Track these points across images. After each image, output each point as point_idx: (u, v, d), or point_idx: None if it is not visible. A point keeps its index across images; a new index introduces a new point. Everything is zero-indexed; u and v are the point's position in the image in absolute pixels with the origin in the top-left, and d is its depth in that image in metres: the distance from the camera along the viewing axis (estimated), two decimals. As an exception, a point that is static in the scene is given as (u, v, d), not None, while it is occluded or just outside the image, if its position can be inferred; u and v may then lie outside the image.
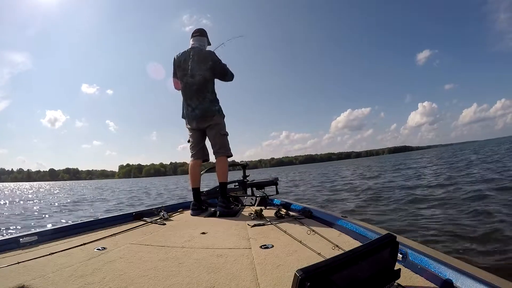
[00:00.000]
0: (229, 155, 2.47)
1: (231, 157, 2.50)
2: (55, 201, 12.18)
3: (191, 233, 1.64)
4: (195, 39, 2.52)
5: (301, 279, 0.54)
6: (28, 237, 1.50)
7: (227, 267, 1.07)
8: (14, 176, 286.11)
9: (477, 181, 6.31)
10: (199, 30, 2.57)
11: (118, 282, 0.96)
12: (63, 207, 9.12)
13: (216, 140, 2.43)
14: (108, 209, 8.17)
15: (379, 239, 0.77)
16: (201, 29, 2.59)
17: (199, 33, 2.55)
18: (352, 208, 5.14)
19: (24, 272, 1.07)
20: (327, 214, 1.78)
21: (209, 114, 2.41)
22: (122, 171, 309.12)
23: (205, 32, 2.60)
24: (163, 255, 1.26)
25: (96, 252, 1.32)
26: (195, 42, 2.51)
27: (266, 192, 2.68)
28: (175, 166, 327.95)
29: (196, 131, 2.52)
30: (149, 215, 2.20)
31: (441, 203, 4.57)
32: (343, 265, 0.62)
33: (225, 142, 2.46)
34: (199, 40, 2.52)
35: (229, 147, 2.48)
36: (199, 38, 2.53)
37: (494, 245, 2.53)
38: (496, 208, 3.75)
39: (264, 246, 1.32)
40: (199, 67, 2.38)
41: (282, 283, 0.91)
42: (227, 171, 2.46)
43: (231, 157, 2.50)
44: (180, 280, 0.96)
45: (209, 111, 2.41)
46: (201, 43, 2.53)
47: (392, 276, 0.76)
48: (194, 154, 2.53)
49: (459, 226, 3.20)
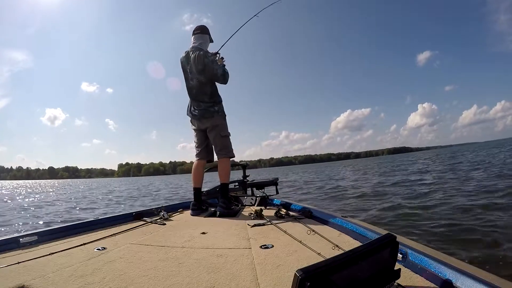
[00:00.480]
0: (231, 156, 2.44)
1: (233, 157, 2.47)
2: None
3: (191, 233, 1.64)
4: (195, 37, 2.45)
5: (301, 279, 0.54)
6: (28, 237, 1.50)
7: (227, 267, 1.07)
8: (13, 174, 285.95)
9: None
10: (200, 27, 2.48)
11: (118, 282, 0.96)
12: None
13: (216, 142, 2.41)
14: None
15: (379, 239, 0.77)
16: (202, 26, 2.50)
17: (200, 30, 2.46)
18: (353, 208, 5.15)
19: (24, 272, 1.07)
20: (327, 214, 1.78)
21: (208, 115, 2.38)
22: (122, 170, 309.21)
23: (206, 29, 2.50)
24: (163, 255, 1.26)
25: (96, 252, 1.32)
26: (196, 41, 2.44)
27: (266, 192, 2.68)
28: (175, 165, 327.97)
29: (200, 131, 2.50)
30: (149, 215, 2.20)
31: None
32: (343, 265, 0.62)
33: (226, 143, 2.42)
34: (199, 38, 2.44)
35: (231, 148, 2.44)
36: (200, 36, 2.45)
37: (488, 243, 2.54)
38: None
39: (264, 246, 1.32)
40: (195, 70, 2.35)
41: (282, 283, 0.91)
42: (229, 173, 2.43)
43: (233, 157, 2.48)
44: (180, 280, 0.96)
45: (207, 112, 2.38)
46: (202, 41, 2.44)
47: (392, 276, 0.77)
48: (198, 154, 2.53)
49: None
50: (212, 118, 2.38)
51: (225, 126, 2.44)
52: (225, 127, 2.44)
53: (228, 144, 2.43)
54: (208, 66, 2.31)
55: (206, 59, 2.31)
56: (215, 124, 2.40)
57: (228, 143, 2.43)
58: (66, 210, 7.54)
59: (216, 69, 2.32)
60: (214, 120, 2.39)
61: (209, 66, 2.31)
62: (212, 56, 2.38)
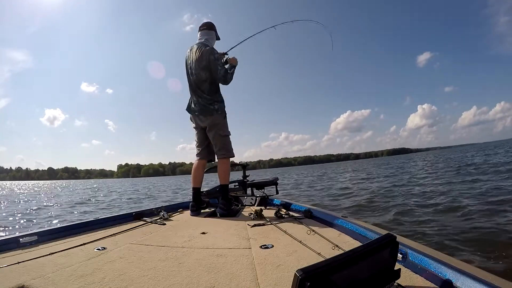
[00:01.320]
0: (231, 156, 2.39)
1: (233, 157, 2.41)
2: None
3: (191, 233, 1.64)
4: (202, 33, 2.41)
5: (301, 279, 0.54)
6: (28, 237, 1.50)
7: (227, 267, 1.07)
8: (13, 175, 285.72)
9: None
10: (207, 23, 2.44)
11: (118, 282, 0.96)
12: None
13: (215, 141, 2.36)
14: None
15: (379, 239, 0.77)
16: (209, 22, 2.46)
17: (206, 26, 2.42)
18: (353, 208, 5.15)
19: (24, 272, 1.07)
20: (327, 214, 1.78)
21: (207, 113, 2.32)
22: (121, 171, 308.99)
23: (213, 26, 2.45)
24: (163, 255, 1.26)
25: (96, 252, 1.32)
26: (201, 37, 2.40)
27: (266, 192, 2.68)
28: (174, 166, 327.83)
29: (200, 130, 2.45)
30: (149, 215, 2.20)
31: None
32: (343, 265, 0.62)
33: (226, 143, 2.36)
34: (206, 34, 2.41)
35: (230, 148, 2.39)
36: (206, 32, 2.41)
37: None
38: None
39: (264, 246, 1.32)
40: (196, 65, 2.31)
41: (282, 283, 0.91)
42: (228, 173, 2.38)
43: (233, 157, 2.42)
44: (180, 280, 0.97)
45: (206, 110, 2.32)
46: (208, 37, 2.40)
47: (392, 276, 0.77)
48: (198, 154, 2.49)
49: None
50: (211, 117, 2.33)
51: (225, 125, 2.39)
52: (224, 126, 2.38)
53: (228, 144, 2.38)
54: (212, 63, 2.26)
55: (211, 56, 2.27)
56: (214, 123, 2.34)
57: (227, 143, 2.38)
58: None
59: (218, 68, 2.26)
60: (213, 119, 2.33)
61: (213, 63, 2.26)
62: (218, 55, 2.34)
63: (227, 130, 2.39)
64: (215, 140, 2.37)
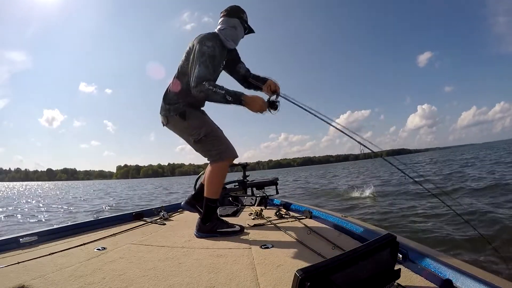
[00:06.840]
0: (228, 158, 1.68)
1: (232, 158, 1.71)
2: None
3: (191, 233, 1.64)
4: (220, 21, 1.76)
5: (301, 279, 0.54)
6: (28, 237, 1.50)
7: (227, 267, 1.07)
8: (12, 176, 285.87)
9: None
10: (227, 8, 1.77)
11: (118, 282, 0.96)
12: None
13: (195, 150, 1.76)
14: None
15: (379, 239, 0.77)
16: (232, 6, 1.77)
17: (225, 12, 1.76)
18: (353, 208, 5.15)
19: (24, 272, 1.07)
20: (327, 214, 1.78)
21: (163, 119, 1.74)
22: (120, 172, 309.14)
23: (236, 10, 1.75)
24: (163, 255, 1.26)
25: (96, 252, 1.32)
26: (220, 26, 1.75)
27: (266, 192, 2.68)
28: (173, 167, 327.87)
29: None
30: (149, 215, 2.20)
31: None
32: (343, 265, 0.62)
33: (207, 146, 1.68)
34: (223, 22, 1.74)
35: (221, 148, 1.66)
36: (225, 20, 1.73)
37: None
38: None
39: (264, 246, 1.32)
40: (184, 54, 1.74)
41: (282, 283, 0.91)
42: (215, 184, 1.67)
43: (233, 158, 1.73)
44: (180, 280, 0.97)
45: (162, 116, 1.74)
46: (227, 26, 1.72)
47: (392, 276, 0.77)
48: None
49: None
50: (168, 124, 1.73)
51: (192, 126, 1.68)
52: (192, 127, 1.68)
53: (209, 148, 1.67)
54: (193, 56, 1.58)
55: (198, 45, 1.58)
56: (177, 130, 1.75)
57: (208, 145, 1.67)
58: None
59: (200, 61, 1.53)
60: (171, 125, 1.73)
61: (196, 52, 1.56)
62: (214, 51, 1.60)
63: (201, 130, 1.67)
64: (194, 148, 1.75)
